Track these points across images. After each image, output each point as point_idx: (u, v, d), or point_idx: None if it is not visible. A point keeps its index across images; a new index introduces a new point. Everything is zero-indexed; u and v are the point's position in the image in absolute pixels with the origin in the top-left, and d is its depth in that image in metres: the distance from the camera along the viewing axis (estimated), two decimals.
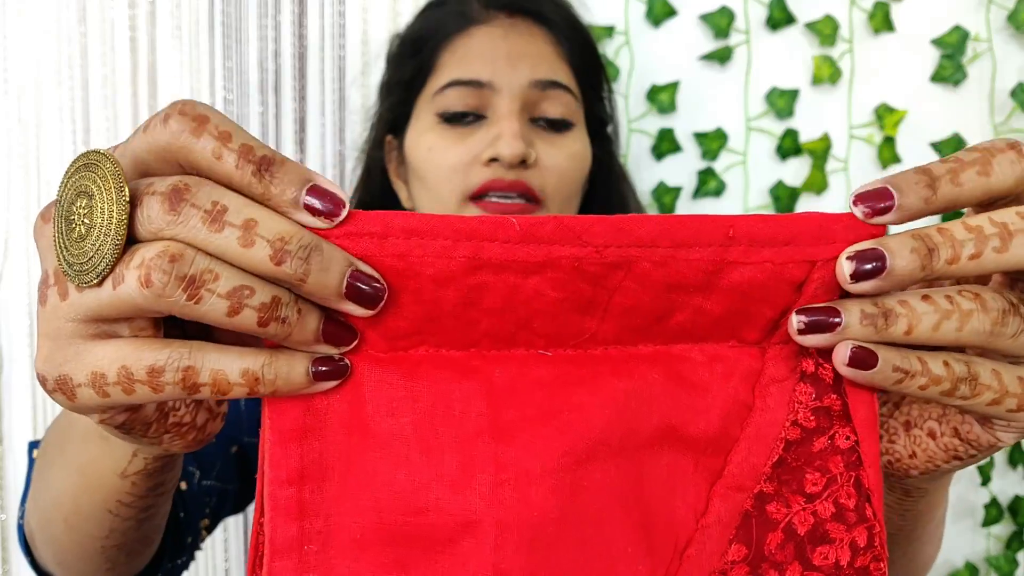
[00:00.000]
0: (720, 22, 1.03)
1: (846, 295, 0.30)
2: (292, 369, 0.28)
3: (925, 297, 0.30)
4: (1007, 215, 0.29)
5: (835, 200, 1.07)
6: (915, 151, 1.08)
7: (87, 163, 0.28)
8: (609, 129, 0.79)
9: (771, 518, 0.30)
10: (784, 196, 1.06)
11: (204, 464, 0.64)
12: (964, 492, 1.15)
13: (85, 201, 0.27)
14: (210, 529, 0.65)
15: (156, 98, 1.03)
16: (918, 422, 0.34)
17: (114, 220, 0.26)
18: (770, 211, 1.07)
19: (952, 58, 1.05)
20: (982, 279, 0.33)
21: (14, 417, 1.06)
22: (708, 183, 1.06)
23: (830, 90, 1.06)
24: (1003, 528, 1.15)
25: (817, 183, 1.06)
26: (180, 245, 0.26)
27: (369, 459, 0.29)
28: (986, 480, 1.11)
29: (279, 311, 0.27)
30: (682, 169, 1.06)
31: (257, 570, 0.30)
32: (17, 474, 1.06)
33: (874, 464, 0.31)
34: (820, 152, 1.05)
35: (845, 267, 0.29)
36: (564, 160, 0.67)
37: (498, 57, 0.66)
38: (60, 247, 0.28)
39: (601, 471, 0.30)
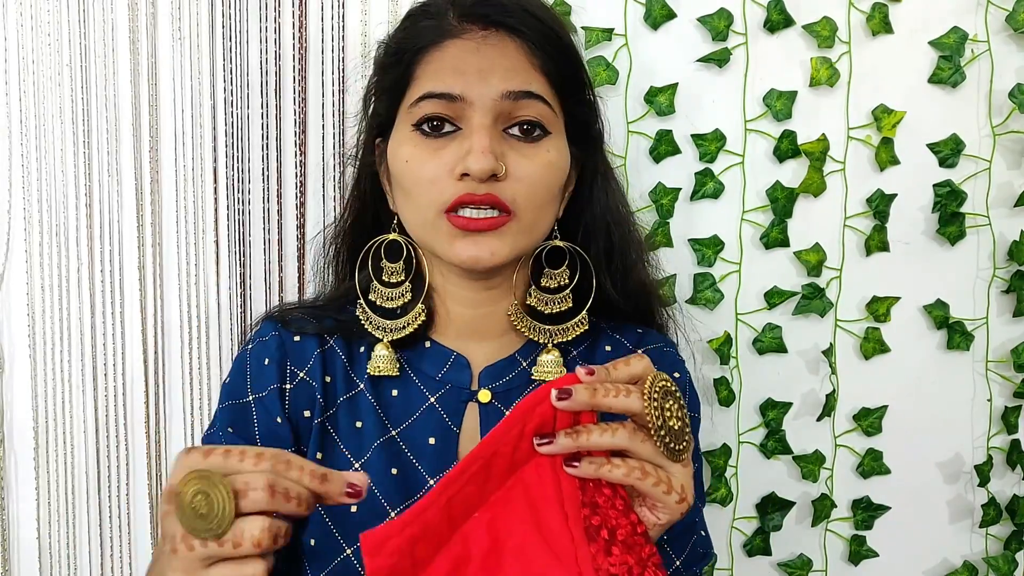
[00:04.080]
0: (718, 24, 1.03)
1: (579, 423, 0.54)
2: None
3: (597, 427, 0.53)
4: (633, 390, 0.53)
5: (833, 201, 1.08)
6: (913, 152, 1.08)
7: (200, 475, 0.46)
8: (596, 130, 0.79)
9: (591, 520, 0.53)
10: (782, 197, 1.06)
11: None
12: (962, 492, 1.15)
13: (202, 497, 0.46)
14: None
15: (156, 98, 1.03)
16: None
17: (227, 509, 0.46)
18: (767, 213, 1.07)
19: (950, 59, 1.06)
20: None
21: (15, 417, 1.06)
22: (706, 185, 1.06)
23: (828, 92, 1.06)
24: (1002, 528, 1.15)
25: (815, 184, 1.06)
26: (266, 525, 0.48)
27: None
28: (984, 481, 1.11)
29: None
30: (680, 171, 1.07)
31: None
32: (18, 473, 1.07)
33: (618, 487, 0.55)
34: (818, 154, 1.06)
35: (553, 394, 0.52)
36: (536, 170, 0.69)
37: (469, 70, 0.68)
38: (186, 521, 0.46)
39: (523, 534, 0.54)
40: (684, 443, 0.54)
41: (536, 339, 0.76)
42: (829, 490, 1.12)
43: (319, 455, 0.73)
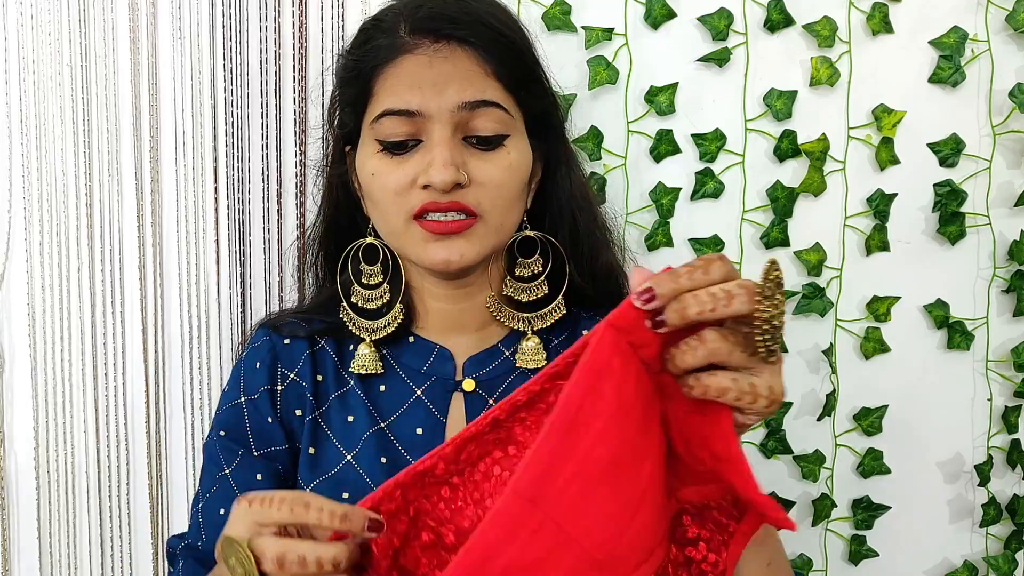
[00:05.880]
0: (718, 24, 1.03)
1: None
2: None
3: (699, 337, 0.48)
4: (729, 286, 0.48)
5: (833, 201, 1.08)
6: (913, 152, 1.08)
7: (227, 542, 0.53)
8: (557, 118, 0.81)
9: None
10: (782, 197, 1.06)
11: None
12: (963, 492, 1.15)
13: (236, 562, 0.52)
14: None
15: (156, 98, 1.03)
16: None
17: (252, 572, 0.53)
18: (768, 213, 1.07)
19: (950, 59, 1.06)
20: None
21: (15, 417, 1.06)
22: (706, 184, 1.06)
23: (828, 91, 1.06)
24: (1002, 528, 1.15)
25: (815, 184, 1.06)
26: None
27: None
28: (985, 480, 1.11)
29: None
30: (680, 170, 1.07)
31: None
32: (18, 472, 1.07)
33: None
34: (818, 153, 1.06)
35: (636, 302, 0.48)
36: (498, 174, 0.72)
37: (425, 84, 0.70)
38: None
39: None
40: (780, 338, 0.48)
41: (516, 327, 0.79)
42: (829, 490, 1.12)
43: (311, 450, 0.76)
